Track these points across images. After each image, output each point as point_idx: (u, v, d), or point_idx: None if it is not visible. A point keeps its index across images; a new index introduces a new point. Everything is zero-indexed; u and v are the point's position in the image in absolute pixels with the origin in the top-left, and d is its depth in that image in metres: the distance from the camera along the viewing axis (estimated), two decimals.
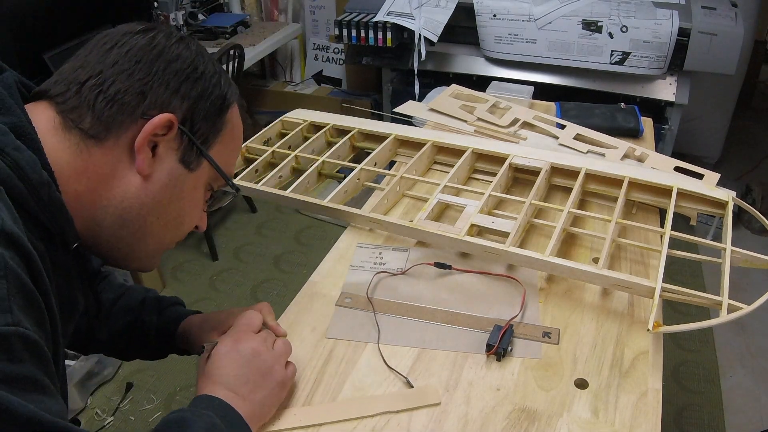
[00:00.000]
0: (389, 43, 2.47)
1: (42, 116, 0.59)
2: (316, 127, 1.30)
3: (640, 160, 1.21)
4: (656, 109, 2.35)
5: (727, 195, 1.03)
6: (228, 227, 2.95)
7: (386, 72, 2.77)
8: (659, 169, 1.15)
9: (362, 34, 2.49)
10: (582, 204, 1.11)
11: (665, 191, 1.06)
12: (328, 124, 1.29)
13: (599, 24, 2.22)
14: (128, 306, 0.90)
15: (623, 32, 2.20)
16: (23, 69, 2.05)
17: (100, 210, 0.62)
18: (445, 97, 1.46)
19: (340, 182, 1.11)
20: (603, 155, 1.21)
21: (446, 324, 0.86)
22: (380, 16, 2.46)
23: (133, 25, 0.64)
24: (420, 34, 2.40)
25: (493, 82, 1.58)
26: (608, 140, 1.26)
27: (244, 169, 1.17)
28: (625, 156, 1.21)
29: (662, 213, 1.06)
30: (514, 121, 1.33)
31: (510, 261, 0.93)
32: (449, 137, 1.22)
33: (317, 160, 1.16)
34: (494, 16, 2.35)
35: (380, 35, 2.47)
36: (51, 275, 0.56)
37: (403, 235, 1.00)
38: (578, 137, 1.27)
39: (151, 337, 0.88)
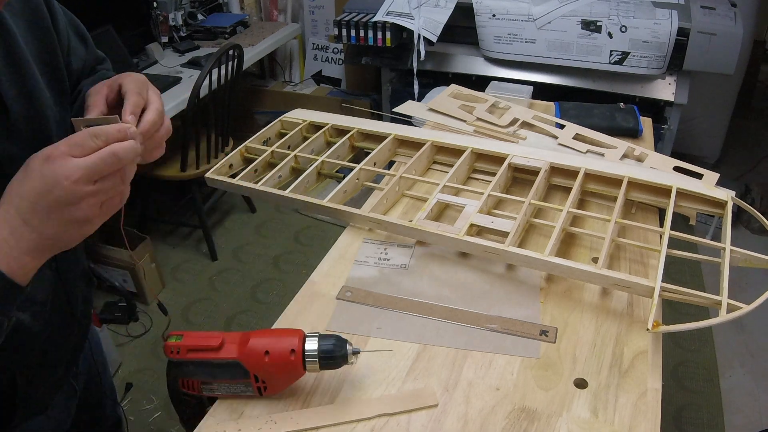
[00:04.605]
0: (388, 43, 2.47)
1: None
2: (316, 127, 1.30)
3: (639, 159, 1.21)
4: (655, 109, 2.36)
5: (727, 195, 1.03)
6: (227, 227, 2.95)
7: (385, 72, 2.77)
8: (658, 168, 1.15)
9: (361, 34, 2.49)
10: (581, 204, 1.11)
11: (664, 191, 1.06)
12: (327, 124, 1.29)
13: (598, 24, 2.22)
14: None
15: (622, 32, 2.20)
16: None
17: None
18: (444, 97, 1.46)
19: (339, 182, 1.11)
20: (602, 155, 1.21)
21: (445, 320, 0.86)
22: (379, 16, 2.46)
23: None
24: (419, 34, 2.40)
25: (493, 82, 1.58)
26: (607, 140, 1.26)
27: (243, 169, 1.17)
28: (625, 156, 1.21)
29: (661, 213, 1.06)
30: (514, 121, 1.33)
31: (509, 261, 0.93)
32: (448, 137, 1.22)
33: (317, 160, 1.16)
34: (493, 16, 2.35)
35: (379, 35, 2.47)
36: None
37: (402, 234, 1.01)
38: (577, 137, 1.27)
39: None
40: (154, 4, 2.75)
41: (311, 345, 0.69)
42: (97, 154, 0.58)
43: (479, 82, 2.34)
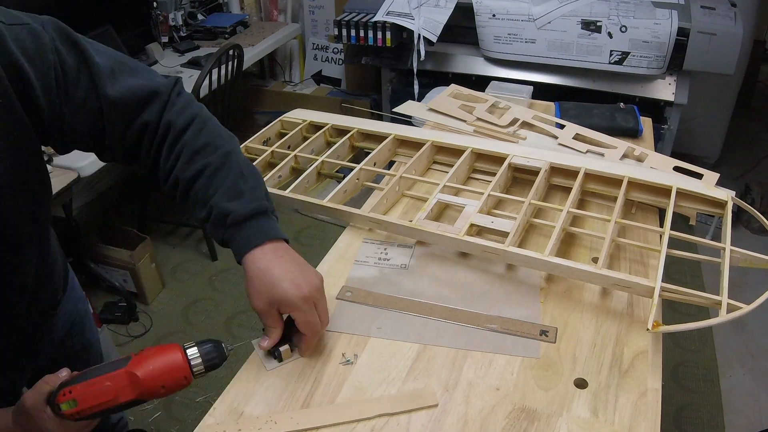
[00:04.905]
0: (388, 43, 2.47)
1: None
2: (316, 127, 1.30)
3: (639, 159, 1.21)
4: (655, 109, 2.36)
5: (727, 195, 1.03)
6: None
7: (385, 72, 2.77)
8: (658, 168, 1.15)
9: (361, 34, 2.49)
10: (581, 204, 1.11)
11: (664, 191, 1.06)
12: (327, 124, 1.29)
13: (598, 24, 2.22)
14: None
15: (622, 32, 2.20)
16: None
17: None
18: (444, 97, 1.46)
19: (339, 182, 1.11)
20: (602, 155, 1.21)
21: (445, 320, 0.86)
22: (379, 16, 2.46)
23: None
24: (419, 34, 2.40)
25: (493, 82, 1.58)
26: (607, 140, 1.26)
27: None
28: (625, 156, 1.21)
29: (661, 213, 1.06)
30: (514, 121, 1.34)
31: (509, 261, 0.93)
32: (448, 137, 1.22)
33: (317, 159, 1.16)
34: (493, 15, 2.35)
35: (379, 35, 2.47)
36: None
37: (402, 234, 1.01)
38: (577, 137, 1.27)
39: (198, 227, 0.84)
40: (154, 4, 2.75)
41: (196, 362, 0.71)
42: None
43: (479, 82, 2.34)
